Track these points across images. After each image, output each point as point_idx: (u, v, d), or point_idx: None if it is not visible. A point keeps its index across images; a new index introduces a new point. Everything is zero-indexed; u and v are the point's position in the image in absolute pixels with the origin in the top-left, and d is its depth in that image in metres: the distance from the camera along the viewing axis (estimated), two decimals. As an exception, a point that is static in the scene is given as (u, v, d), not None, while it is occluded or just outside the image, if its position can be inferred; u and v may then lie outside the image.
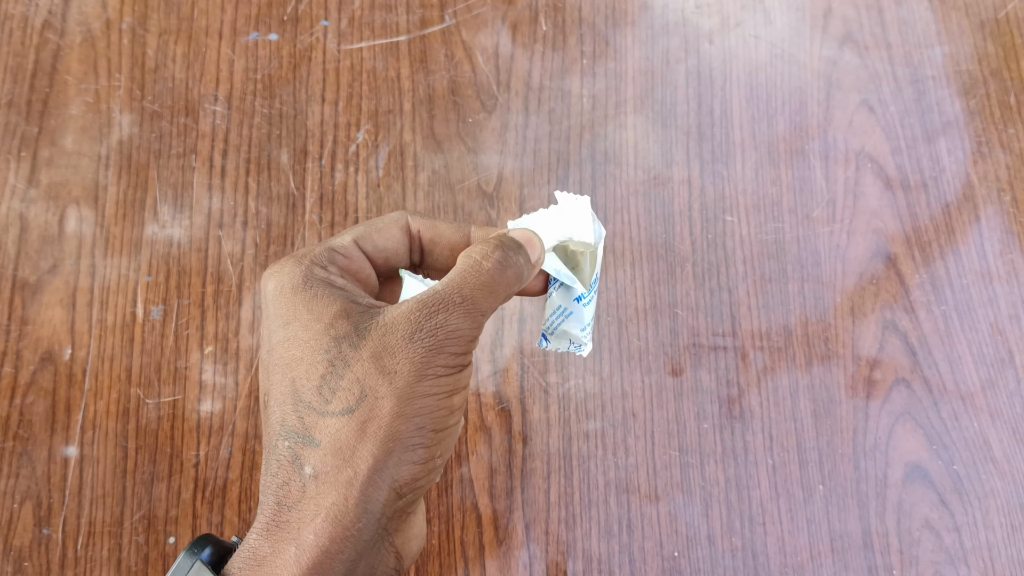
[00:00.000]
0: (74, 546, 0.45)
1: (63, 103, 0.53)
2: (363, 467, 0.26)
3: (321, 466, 0.26)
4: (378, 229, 0.32)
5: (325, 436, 0.27)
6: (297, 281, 0.29)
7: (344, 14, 0.55)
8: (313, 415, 0.27)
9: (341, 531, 0.26)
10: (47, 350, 0.48)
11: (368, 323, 0.28)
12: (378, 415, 0.27)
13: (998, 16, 0.57)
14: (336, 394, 0.27)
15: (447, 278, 0.29)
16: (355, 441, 0.27)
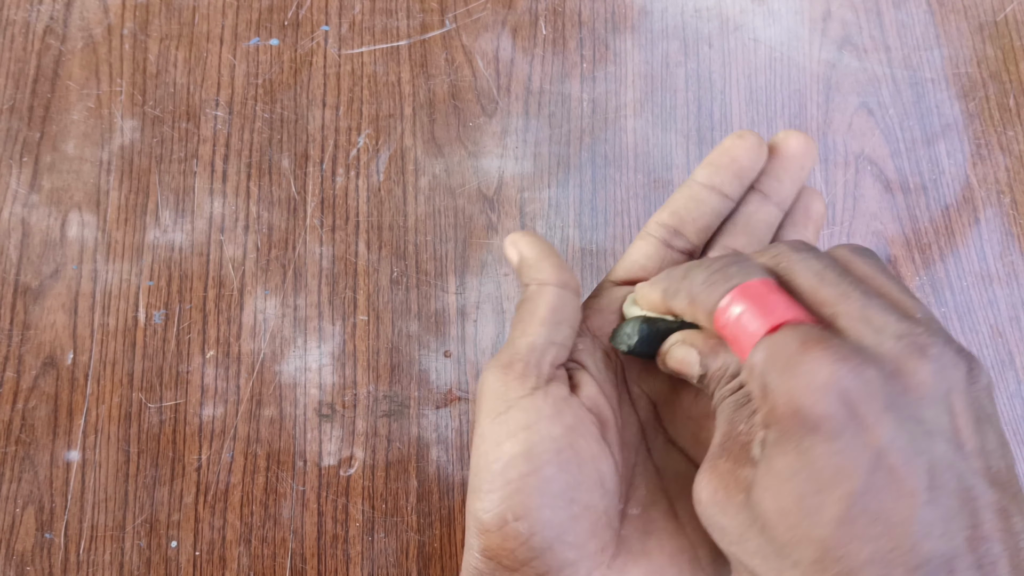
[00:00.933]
0: (76, 550, 0.45)
1: (65, 108, 0.53)
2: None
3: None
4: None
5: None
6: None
7: (344, 19, 0.55)
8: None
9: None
10: (49, 355, 0.48)
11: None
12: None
13: (997, 19, 0.57)
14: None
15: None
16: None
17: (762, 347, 0.23)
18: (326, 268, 0.50)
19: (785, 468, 0.22)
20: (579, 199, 0.52)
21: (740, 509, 0.23)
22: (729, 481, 0.24)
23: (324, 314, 0.49)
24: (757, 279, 0.25)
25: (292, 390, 0.48)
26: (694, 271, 0.26)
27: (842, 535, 0.21)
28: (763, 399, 0.23)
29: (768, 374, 0.23)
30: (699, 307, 0.26)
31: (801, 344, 0.22)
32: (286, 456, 0.47)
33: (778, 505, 0.22)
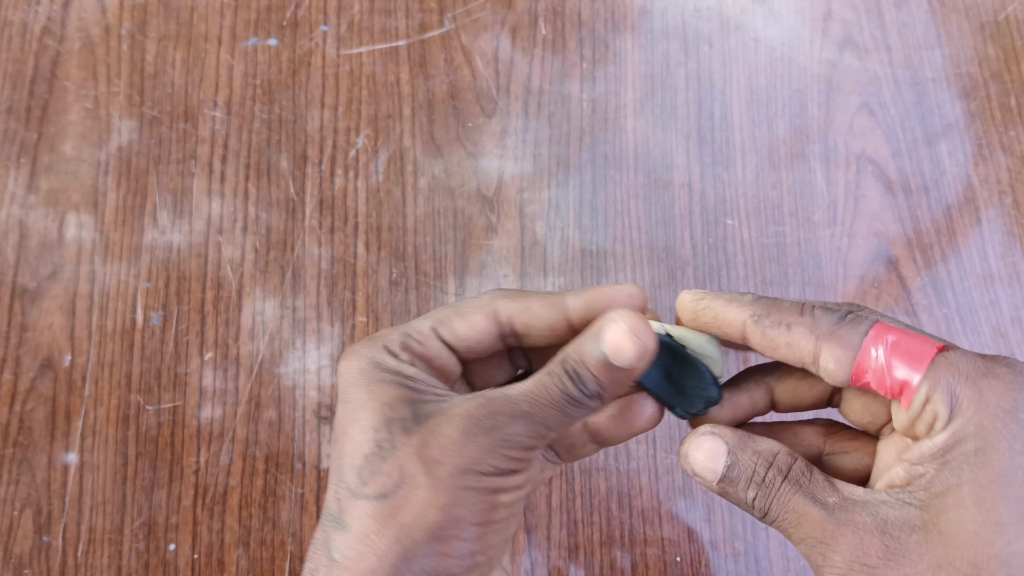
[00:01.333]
0: (74, 553, 0.45)
1: (62, 109, 0.53)
2: (389, 556, 0.25)
3: (345, 551, 0.25)
4: (462, 314, 0.29)
5: (354, 520, 0.25)
6: (364, 364, 0.27)
7: (343, 19, 0.55)
8: (349, 497, 0.26)
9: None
10: (47, 356, 0.48)
11: (428, 410, 0.26)
12: (412, 503, 0.25)
13: (998, 18, 0.57)
14: (375, 477, 0.25)
15: (525, 384, 0.27)
16: (382, 526, 0.25)
17: (942, 367, 0.23)
18: (325, 269, 0.50)
19: (998, 474, 0.22)
20: (579, 199, 0.52)
21: (924, 548, 0.23)
22: (886, 529, 0.24)
23: (323, 315, 0.49)
24: (879, 321, 0.25)
25: (291, 392, 0.48)
26: (817, 310, 0.26)
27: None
28: (953, 412, 0.23)
29: (959, 386, 0.23)
30: (835, 345, 0.25)
31: (979, 356, 0.24)
32: (285, 458, 0.47)
33: (992, 519, 0.22)
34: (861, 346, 0.25)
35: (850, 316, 0.26)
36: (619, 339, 0.26)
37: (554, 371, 0.27)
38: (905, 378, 0.24)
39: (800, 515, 0.25)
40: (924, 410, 0.24)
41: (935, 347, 0.24)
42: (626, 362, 0.26)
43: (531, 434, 0.26)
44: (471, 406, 0.26)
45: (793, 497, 0.26)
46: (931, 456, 0.24)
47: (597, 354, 0.26)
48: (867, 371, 0.25)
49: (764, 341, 0.27)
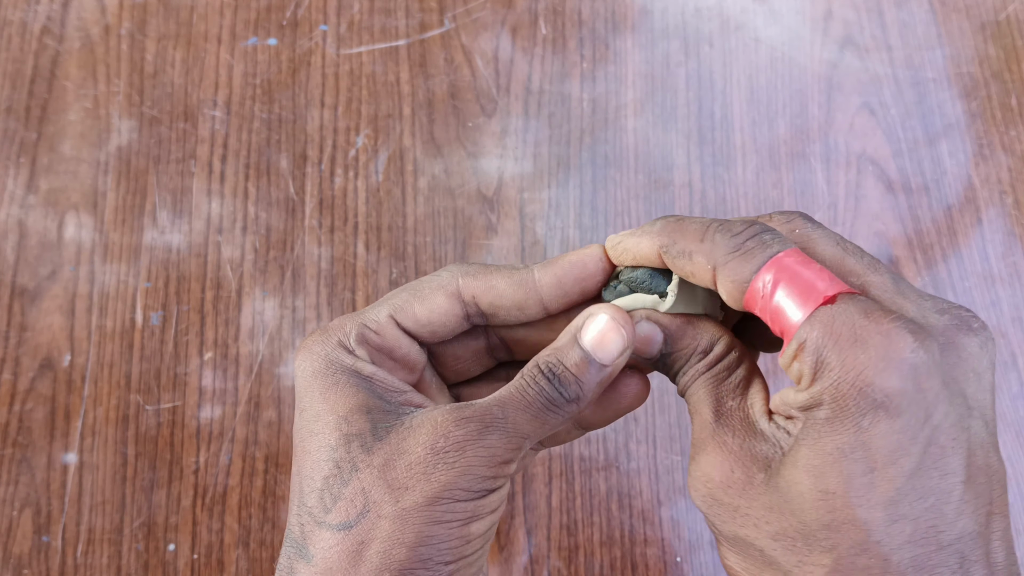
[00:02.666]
0: (73, 553, 0.45)
1: (62, 109, 0.53)
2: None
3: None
4: (421, 297, 0.26)
5: (318, 551, 0.23)
6: (318, 364, 0.25)
7: (343, 19, 0.55)
8: (311, 523, 0.24)
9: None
10: (46, 356, 0.48)
11: (389, 423, 0.24)
12: (377, 537, 0.23)
13: (999, 18, 0.57)
14: (337, 503, 0.23)
15: (498, 393, 0.25)
16: (347, 564, 0.23)
17: (818, 321, 0.22)
18: (324, 269, 0.50)
19: (837, 447, 0.21)
20: (579, 199, 0.52)
21: (763, 490, 0.23)
22: (744, 458, 0.23)
23: (323, 315, 0.49)
24: (791, 248, 0.24)
25: (291, 392, 0.48)
26: (717, 234, 0.24)
27: (887, 515, 0.21)
28: (817, 374, 0.22)
29: (827, 348, 0.22)
30: (726, 277, 0.24)
31: (865, 316, 0.22)
32: (284, 459, 0.47)
33: (821, 485, 0.21)
34: (751, 280, 0.23)
35: (751, 242, 0.24)
36: (603, 333, 0.25)
37: (528, 373, 0.25)
38: (782, 328, 0.23)
39: (696, 411, 0.25)
40: (791, 364, 0.23)
41: (821, 297, 0.22)
42: (609, 358, 0.25)
43: (507, 446, 0.24)
44: (437, 417, 0.24)
45: (700, 390, 0.25)
46: (796, 408, 0.23)
47: (577, 353, 0.25)
48: (755, 307, 0.24)
49: (678, 272, 0.26)
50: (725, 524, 0.24)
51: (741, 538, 0.23)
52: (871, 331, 0.21)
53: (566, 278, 0.27)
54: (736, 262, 0.24)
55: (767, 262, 0.23)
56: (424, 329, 0.27)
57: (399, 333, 0.26)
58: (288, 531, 0.24)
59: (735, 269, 0.24)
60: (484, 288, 0.27)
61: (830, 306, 0.22)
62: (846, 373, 0.21)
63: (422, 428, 0.24)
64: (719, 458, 0.24)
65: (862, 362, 0.21)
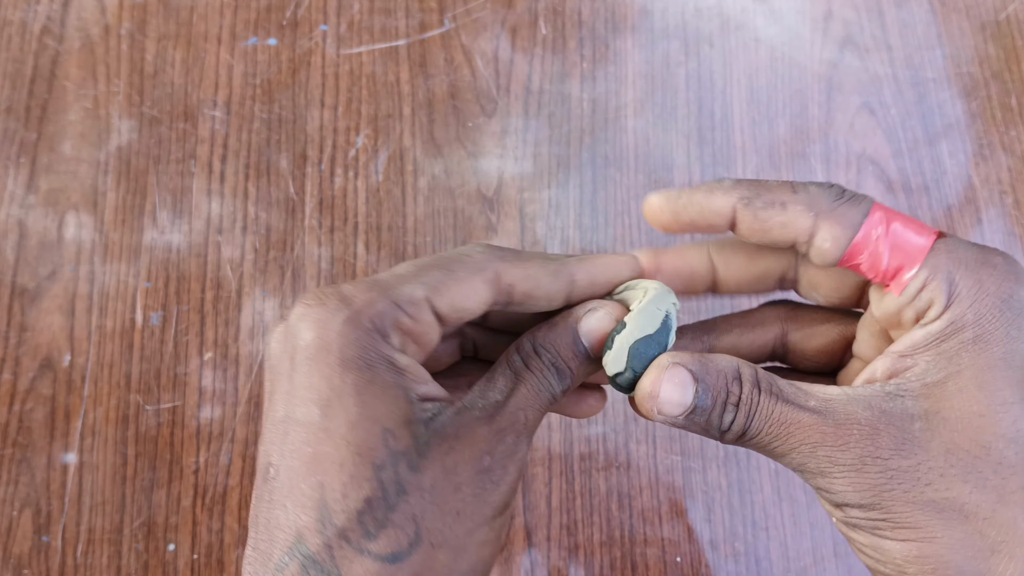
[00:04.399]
0: (73, 553, 0.45)
1: (62, 109, 0.53)
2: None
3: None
4: (458, 279, 0.24)
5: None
6: (350, 353, 0.22)
7: (343, 19, 0.55)
8: (346, 548, 0.20)
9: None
10: (46, 356, 0.48)
11: (426, 434, 0.22)
12: (433, 569, 0.21)
13: (999, 18, 0.57)
14: (383, 530, 0.20)
15: (516, 397, 0.23)
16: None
17: (942, 251, 0.23)
18: (324, 269, 0.50)
19: (1000, 359, 0.22)
20: (579, 200, 0.52)
21: (929, 436, 0.22)
22: (888, 420, 0.22)
23: (323, 315, 0.49)
24: (876, 202, 0.24)
25: (290, 392, 0.48)
26: (812, 186, 0.24)
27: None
28: (951, 298, 0.22)
29: (958, 273, 0.23)
30: (835, 222, 0.23)
31: (979, 247, 0.23)
32: (284, 458, 0.47)
33: (997, 400, 0.22)
34: (862, 226, 0.24)
35: (847, 194, 0.24)
36: (603, 330, 0.24)
37: (537, 367, 0.24)
38: (901, 263, 0.23)
39: (789, 425, 0.23)
40: (918, 297, 0.23)
41: (933, 233, 0.23)
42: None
43: (529, 448, 0.23)
44: (476, 429, 0.22)
45: (776, 408, 0.23)
46: (924, 345, 0.23)
47: (579, 348, 0.24)
48: (862, 252, 0.24)
49: (755, 224, 0.24)
50: (908, 494, 0.22)
51: (930, 501, 0.22)
52: (991, 254, 0.23)
53: (600, 278, 0.26)
54: (845, 206, 0.24)
55: (871, 208, 0.24)
56: (454, 315, 0.24)
57: (432, 317, 0.24)
58: (298, 543, 0.21)
59: (845, 213, 0.24)
60: (523, 277, 0.24)
61: (947, 239, 0.23)
62: (985, 290, 0.22)
63: (462, 442, 0.22)
64: (867, 434, 0.22)
65: (998, 278, 0.22)
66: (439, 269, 0.24)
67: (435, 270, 0.24)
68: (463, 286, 0.24)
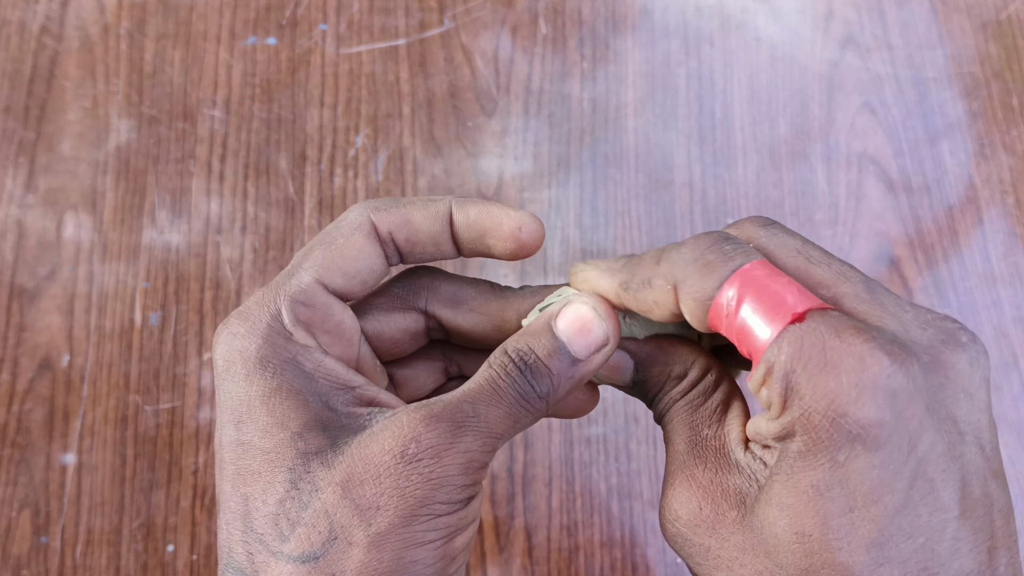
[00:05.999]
0: (72, 554, 0.45)
1: (61, 109, 0.52)
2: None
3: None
4: (339, 248, 0.23)
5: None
6: (251, 364, 0.21)
7: (343, 18, 0.55)
8: (263, 553, 0.20)
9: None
10: (45, 357, 0.48)
11: (347, 437, 0.21)
12: (348, 569, 0.20)
13: (1000, 17, 0.57)
14: (296, 530, 0.20)
15: (466, 384, 0.22)
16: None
17: (787, 341, 0.19)
18: (324, 269, 0.50)
19: (812, 485, 0.19)
20: (579, 199, 0.52)
21: (735, 529, 0.21)
22: (715, 494, 0.22)
23: (322, 316, 0.49)
24: (757, 260, 0.21)
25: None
26: (673, 252, 0.22)
27: (872, 559, 0.19)
28: (787, 402, 0.20)
29: (796, 373, 0.19)
30: (687, 295, 0.21)
31: (837, 336, 0.19)
32: (284, 459, 0.47)
33: (796, 527, 0.19)
34: (714, 296, 0.21)
35: (710, 253, 0.21)
36: (580, 323, 0.23)
37: (498, 362, 0.22)
38: (749, 351, 0.21)
39: (669, 440, 0.24)
40: (760, 390, 0.21)
41: (790, 314, 0.20)
42: (584, 351, 0.23)
43: (483, 448, 0.21)
44: (403, 418, 0.21)
45: (676, 419, 0.24)
46: (769, 438, 0.21)
47: (550, 340, 0.22)
48: (720, 326, 0.21)
49: (639, 306, 0.23)
50: (698, 566, 0.22)
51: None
52: (843, 353, 0.19)
53: (477, 225, 0.24)
54: (696, 277, 0.21)
55: (730, 275, 0.21)
56: (353, 282, 0.23)
57: (330, 298, 0.23)
58: (229, 558, 0.21)
59: (695, 285, 0.21)
60: (400, 221, 0.24)
61: (799, 324, 0.20)
62: (817, 401, 0.19)
63: (385, 432, 0.21)
64: (687, 494, 0.22)
65: (833, 389, 0.19)
66: (320, 245, 0.23)
67: (317, 248, 0.23)
68: (345, 251, 0.23)
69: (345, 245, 0.23)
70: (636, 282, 0.23)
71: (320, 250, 0.23)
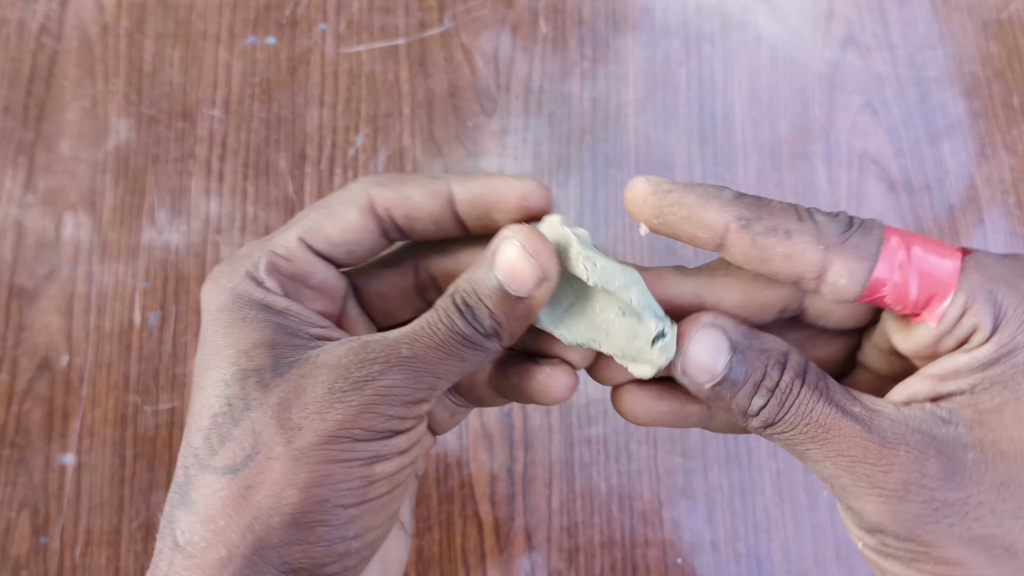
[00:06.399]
0: (71, 555, 0.45)
1: (60, 108, 0.52)
2: (240, 547, 0.21)
3: (191, 535, 0.21)
4: (332, 214, 0.24)
5: (201, 497, 0.21)
6: (224, 299, 0.23)
7: (342, 17, 0.55)
8: (196, 466, 0.21)
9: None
10: (44, 357, 0.48)
11: (294, 358, 0.22)
12: (266, 480, 0.21)
13: (1000, 17, 0.56)
14: (225, 444, 0.21)
15: (407, 327, 0.23)
16: (232, 510, 0.21)
17: (974, 271, 0.21)
18: (324, 269, 0.50)
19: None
20: (580, 199, 0.52)
21: (983, 468, 0.20)
22: (942, 449, 0.21)
23: (322, 316, 0.49)
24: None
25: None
26: (818, 215, 0.22)
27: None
28: (1000, 320, 0.20)
29: (1000, 292, 0.21)
30: (850, 255, 0.21)
31: (1008, 258, 0.21)
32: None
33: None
34: (879, 256, 0.21)
35: (856, 222, 0.22)
36: (514, 260, 0.22)
37: (442, 305, 0.22)
38: (932, 291, 0.21)
39: (828, 429, 0.21)
40: (959, 324, 0.21)
41: (957, 251, 0.21)
42: (524, 288, 0.22)
43: (415, 385, 0.22)
44: (342, 352, 0.22)
45: (816, 406, 0.21)
46: (969, 371, 0.21)
47: (491, 281, 0.22)
48: (885, 285, 0.21)
49: (754, 251, 0.21)
50: (953, 528, 0.21)
51: (977, 537, 0.20)
52: (1020, 261, 0.21)
53: (481, 201, 0.24)
54: (857, 236, 0.21)
55: (884, 232, 0.21)
56: (339, 250, 0.24)
57: (312, 257, 0.24)
58: (175, 478, 0.22)
59: (859, 244, 0.21)
60: (398, 199, 0.24)
61: (972, 255, 0.21)
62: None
63: (324, 364, 0.22)
64: (915, 459, 0.21)
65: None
66: (317, 209, 0.24)
67: (313, 211, 0.24)
68: (336, 219, 0.24)
69: (336, 213, 0.24)
70: (764, 226, 0.21)
71: (314, 214, 0.24)
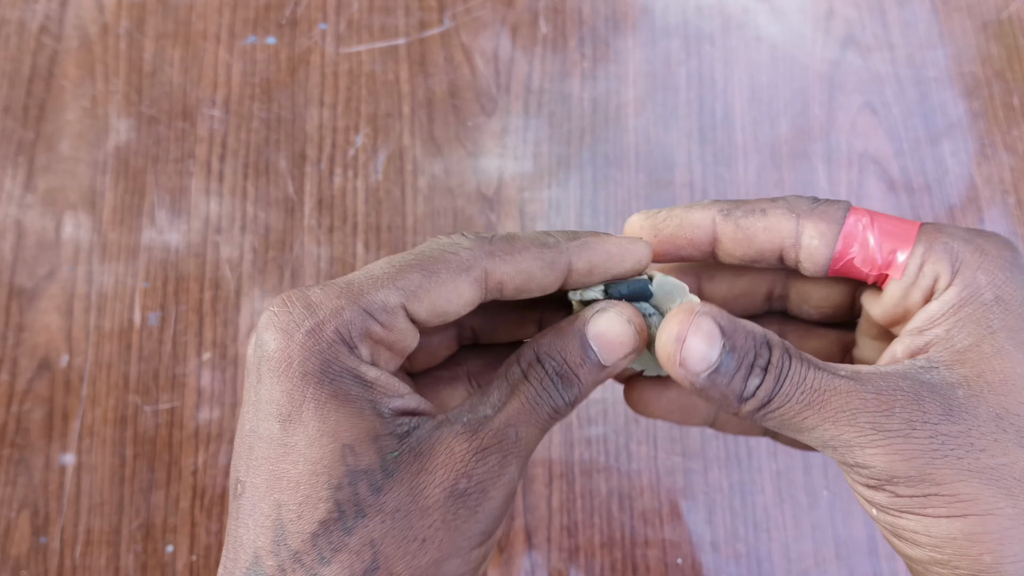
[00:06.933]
0: (71, 555, 0.45)
1: (60, 108, 0.52)
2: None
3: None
4: (440, 282, 0.21)
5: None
6: (311, 365, 0.20)
7: (342, 17, 0.55)
8: (300, 572, 0.20)
9: None
10: (44, 357, 0.48)
11: (397, 451, 0.20)
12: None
13: (1001, 17, 0.56)
14: (338, 555, 0.19)
15: (508, 410, 0.21)
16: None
17: (932, 229, 0.23)
18: (324, 269, 0.50)
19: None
20: (580, 199, 0.52)
21: (976, 402, 0.21)
22: (930, 389, 0.21)
23: (322, 316, 0.49)
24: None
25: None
26: (789, 196, 0.25)
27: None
28: (958, 268, 0.22)
29: (955, 244, 0.22)
30: (820, 220, 0.23)
31: (962, 227, 0.24)
32: (283, 459, 0.46)
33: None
34: (845, 220, 0.24)
35: (823, 199, 0.25)
36: (616, 334, 0.23)
37: (536, 377, 0.22)
38: (894, 246, 0.23)
39: (824, 391, 0.21)
40: (921, 273, 0.23)
41: (915, 222, 0.24)
42: (612, 358, 0.23)
43: (522, 471, 0.21)
44: (453, 447, 0.20)
45: (808, 374, 0.22)
46: (941, 316, 0.22)
47: (589, 355, 0.22)
48: (853, 244, 0.24)
49: (738, 232, 0.24)
50: (961, 461, 0.21)
51: (986, 468, 0.20)
52: (976, 230, 0.23)
53: (599, 269, 0.24)
54: (824, 206, 0.24)
55: (849, 208, 0.24)
56: (436, 319, 0.22)
57: (408, 325, 0.22)
58: (256, 565, 0.20)
59: (826, 211, 0.24)
60: (514, 272, 0.22)
61: (929, 223, 0.24)
62: (987, 254, 0.22)
63: (436, 462, 0.20)
64: (913, 401, 0.21)
65: (995, 244, 0.22)
66: (419, 270, 0.21)
67: (414, 271, 0.21)
68: (445, 289, 0.22)
69: (448, 283, 0.22)
70: (743, 211, 0.24)
71: (418, 275, 0.21)
